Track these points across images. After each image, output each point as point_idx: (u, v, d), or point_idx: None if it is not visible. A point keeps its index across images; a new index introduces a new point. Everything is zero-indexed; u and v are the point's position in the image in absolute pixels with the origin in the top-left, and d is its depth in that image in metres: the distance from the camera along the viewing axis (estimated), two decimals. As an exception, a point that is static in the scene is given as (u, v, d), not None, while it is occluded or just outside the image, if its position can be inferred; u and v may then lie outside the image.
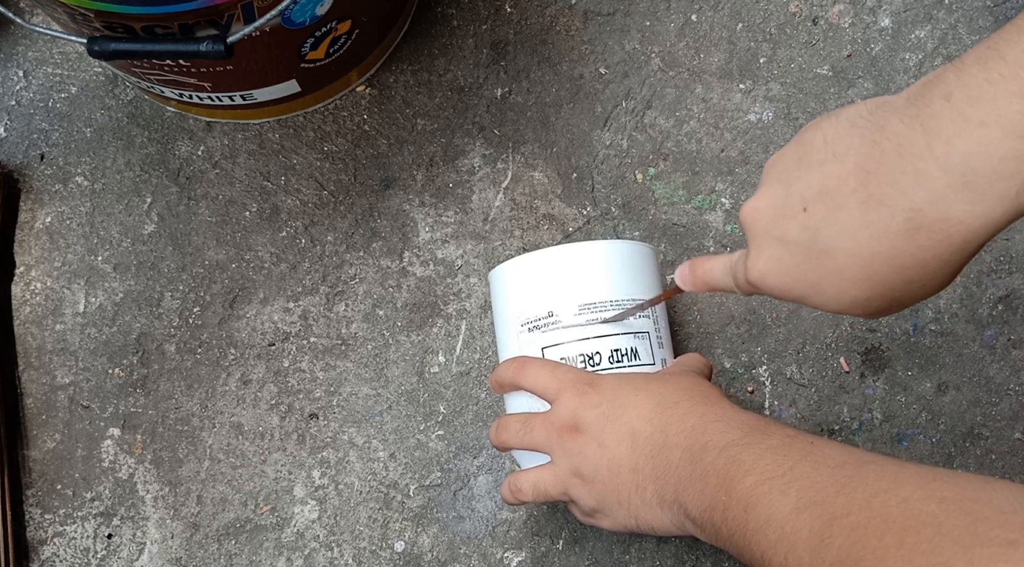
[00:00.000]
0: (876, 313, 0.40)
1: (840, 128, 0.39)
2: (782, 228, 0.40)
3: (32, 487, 0.68)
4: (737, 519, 0.43)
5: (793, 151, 0.41)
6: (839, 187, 0.38)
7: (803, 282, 0.40)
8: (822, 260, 0.39)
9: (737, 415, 0.49)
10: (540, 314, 0.58)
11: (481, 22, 0.74)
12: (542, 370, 0.56)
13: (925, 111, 0.35)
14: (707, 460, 0.46)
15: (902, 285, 0.38)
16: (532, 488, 0.55)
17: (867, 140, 0.37)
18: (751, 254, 0.43)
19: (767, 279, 0.42)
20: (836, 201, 0.38)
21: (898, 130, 0.36)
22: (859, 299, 0.39)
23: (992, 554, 0.32)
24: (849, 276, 0.38)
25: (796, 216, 0.39)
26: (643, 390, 0.53)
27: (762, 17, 0.74)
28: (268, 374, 0.69)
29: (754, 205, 0.42)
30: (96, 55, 0.53)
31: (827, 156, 0.39)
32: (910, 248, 0.36)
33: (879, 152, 0.36)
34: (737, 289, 0.46)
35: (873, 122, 0.37)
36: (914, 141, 0.35)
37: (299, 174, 0.72)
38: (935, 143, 0.35)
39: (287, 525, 0.67)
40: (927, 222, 0.35)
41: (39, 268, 0.71)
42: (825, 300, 0.40)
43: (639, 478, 0.50)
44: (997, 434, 0.69)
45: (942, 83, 0.35)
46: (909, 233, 0.36)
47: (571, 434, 0.53)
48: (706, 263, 0.48)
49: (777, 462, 0.43)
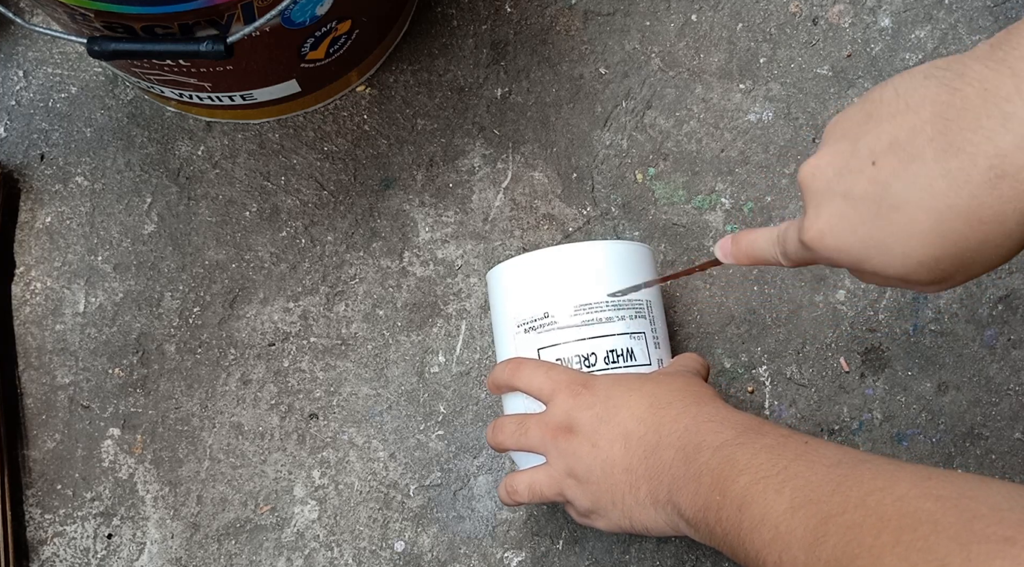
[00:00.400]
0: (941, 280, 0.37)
1: (914, 80, 0.36)
2: (847, 183, 0.37)
3: (32, 487, 0.68)
4: (731, 519, 0.43)
5: (860, 108, 0.38)
6: (913, 138, 0.35)
7: (868, 240, 0.37)
8: (891, 216, 0.36)
9: (731, 415, 0.49)
10: (536, 315, 0.58)
11: (481, 22, 0.74)
12: (536, 371, 0.56)
13: (1012, 54, 0.33)
14: (701, 460, 0.46)
15: (976, 243, 0.35)
16: (528, 489, 0.55)
17: (946, 87, 0.35)
18: (808, 214, 0.40)
19: (826, 239, 0.39)
20: (910, 152, 0.35)
21: (982, 74, 0.34)
22: (927, 260, 0.36)
23: (989, 551, 0.32)
24: (919, 231, 0.35)
25: (864, 170, 0.37)
26: (637, 391, 0.53)
27: (762, 17, 0.74)
28: (268, 374, 0.69)
29: (815, 164, 0.39)
30: (96, 55, 0.53)
31: (899, 108, 0.36)
32: (990, 199, 0.33)
33: (960, 98, 0.34)
34: (783, 259, 0.44)
35: (952, 70, 0.35)
36: (1001, 84, 0.33)
37: (299, 174, 0.72)
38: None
39: (287, 525, 0.67)
40: (1013, 169, 0.33)
41: (39, 268, 0.71)
42: (890, 261, 0.37)
43: (633, 478, 0.50)
44: (997, 434, 0.69)
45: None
46: (992, 182, 0.33)
47: (565, 435, 0.53)
48: (750, 234, 0.46)
49: (771, 461, 0.43)
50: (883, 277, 0.39)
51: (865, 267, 0.38)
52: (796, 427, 0.69)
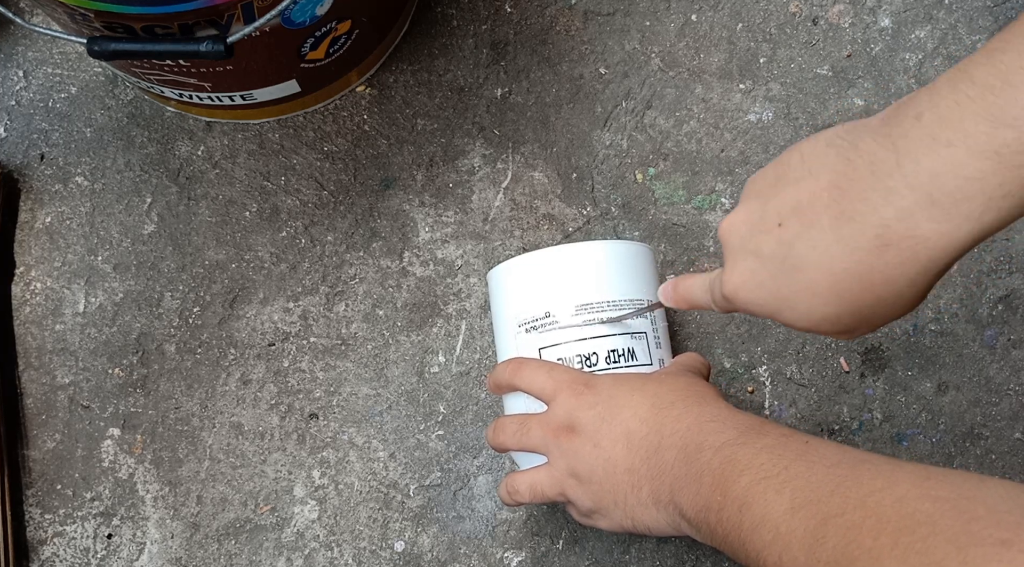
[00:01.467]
0: (846, 332, 0.40)
1: (817, 147, 0.39)
2: (757, 242, 0.41)
3: (32, 487, 0.68)
4: (732, 519, 0.43)
5: (772, 170, 0.42)
6: (813, 203, 0.38)
7: (775, 297, 0.41)
8: (794, 275, 0.39)
9: (732, 415, 0.49)
10: (537, 315, 0.58)
11: (481, 22, 0.74)
12: (538, 371, 0.56)
13: (896, 130, 0.36)
14: (702, 460, 0.47)
15: (871, 302, 0.38)
16: (529, 489, 0.55)
17: (841, 158, 0.38)
18: (726, 268, 0.43)
19: (740, 293, 0.42)
20: (810, 217, 0.38)
21: (871, 148, 0.37)
22: (829, 315, 0.39)
23: (986, 554, 0.32)
24: (820, 291, 0.39)
25: (771, 231, 0.40)
26: (639, 390, 0.53)
27: (762, 17, 0.74)
28: (268, 374, 0.69)
29: (731, 220, 0.43)
30: (96, 55, 0.53)
31: (803, 173, 0.39)
32: (879, 264, 0.37)
33: (852, 169, 0.37)
34: (714, 305, 0.46)
35: (848, 141, 0.38)
36: (885, 159, 0.36)
37: (299, 174, 0.72)
38: (904, 161, 0.35)
39: (287, 525, 0.67)
40: (895, 239, 0.36)
41: (39, 268, 0.71)
42: (796, 316, 0.40)
43: (635, 479, 0.50)
44: (997, 434, 0.69)
45: (914, 104, 0.36)
46: (878, 249, 0.36)
47: (567, 435, 0.53)
48: (687, 280, 0.49)
49: (772, 461, 0.43)
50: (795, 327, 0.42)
51: (778, 319, 0.42)
52: (796, 427, 0.69)
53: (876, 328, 0.40)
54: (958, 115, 0.34)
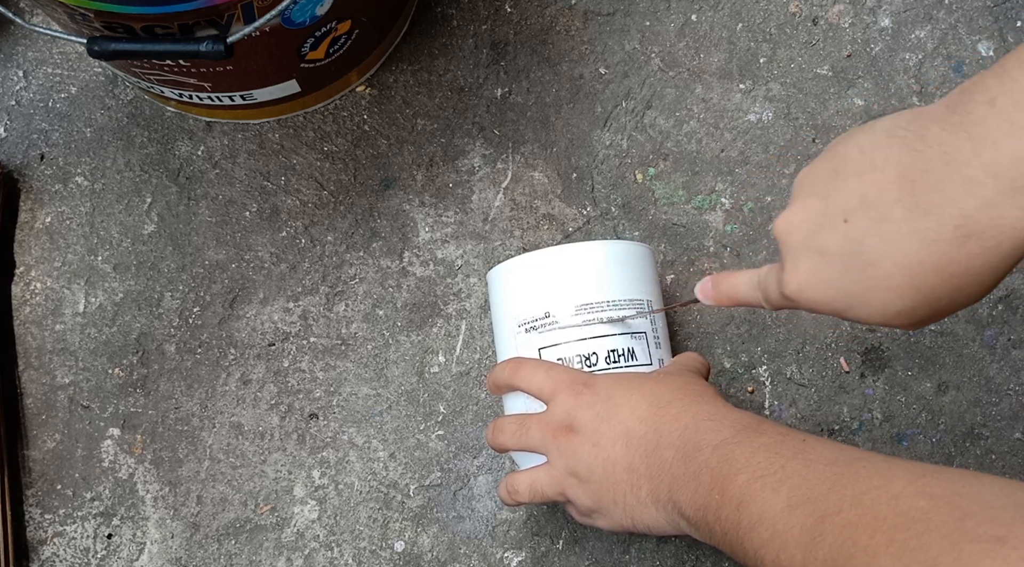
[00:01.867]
0: (919, 323, 0.39)
1: (877, 139, 0.38)
2: (821, 240, 0.40)
3: (32, 487, 0.68)
4: (730, 518, 0.43)
5: (827, 164, 0.40)
6: (881, 197, 0.37)
7: (846, 294, 0.39)
8: (867, 271, 0.38)
9: (730, 413, 0.49)
10: (537, 315, 0.58)
11: (481, 22, 0.74)
12: (537, 371, 0.56)
13: (968, 118, 0.35)
14: (700, 459, 0.47)
15: (949, 293, 0.37)
16: (528, 489, 0.55)
17: (908, 149, 0.37)
18: (787, 267, 0.42)
19: (806, 292, 0.41)
20: (879, 211, 0.37)
21: (941, 138, 0.36)
22: (905, 309, 0.38)
23: (980, 550, 0.32)
24: (895, 286, 0.38)
25: (836, 228, 0.39)
26: (637, 390, 0.53)
27: (762, 17, 0.74)
28: (268, 374, 0.69)
29: (788, 219, 0.41)
30: (96, 55, 0.53)
31: (865, 167, 0.38)
32: (959, 256, 0.36)
33: (922, 160, 0.36)
34: (766, 304, 0.45)
35: (912, 131, 0.37)
36: (959, 148, 0.35)
37: (299, 174, 0.72)
38: (982, 149, 0.34)
39: (287, 525, 0.67)
40: (978, 229, 0.35)
41: (39, 268, 0.71)
42: (869, 311, 0.39)
43: (634, 478, 0.50)
44: (997, 434, 0.69)
45: (984, 89, 0.35)
46: (959, 241, 0.35)
47: (566, 434, 0.53)
48: (730, 278, 0.48)
49: (769, 460, 0.44)
50: (865, 322, 0.41)
51: (847, 316, 0.41)
52: (796, 427, 0.69)
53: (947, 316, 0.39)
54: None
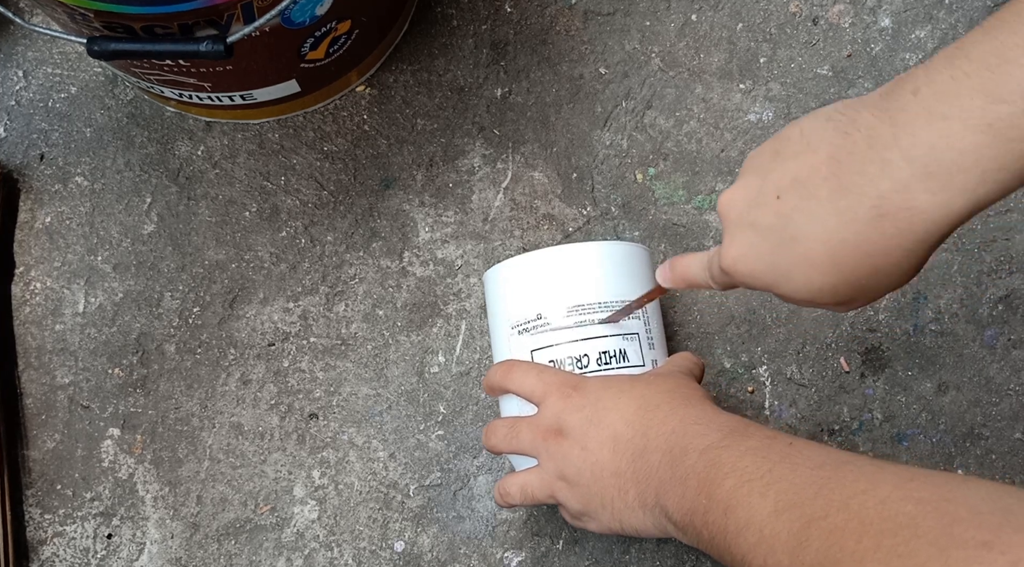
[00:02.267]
0: (843, 303, 0.41)
1: (816, 122, 0.40)
2: (755, 215, 0.42)
3: (32, 487, 0.68)
4: (717, 522, 0.43)
5: (771, 145, 0.42)
6: (811, 176, 0.39)
7: (773, 269, 0.41)
8: (792, 247, 0.40)
9: (717, 417, 0.49)
10: (529, 317, 0.58)
11: (481, 22, 0.74)
12: (528, 373, 0.56)
13: (894, 105, 0.37)
14: (687, 463, 0.47)
15: (868, 273, 0.39)
16: (520, 491, 0.56)
17: (840, 132, 0.39)
18: (724, 242, 0.44)
19: (738, 266, 0.43)
20: (808, 189, 0.39)
21: (869, 122, 0.38)
22: (826, 287, 0.40)
23: (967, 556, 0.32)
24: (817, 262, 0.39)
25: (769, 204, 0.41)
26: (626, 393, 0.53)
27: (762, 17, 0.74)
28: (268, 374, 0.69)
29: (730, 195, 0.44)
30: (96, 55, 0.53)
31: (802, 147, 0.40)
32: (875, 235, 0.37)
33: (850, 143, 0.38)
34: (712, 282, 0.47)
35: (847, 116, 0.39)
36: (882, 132, 0.37)
37: (299, 174, 0.72)
38: (901, 135, 0.36)
39: (287, 525, 0.67)
40: (892, 210, 0.37)
41: (39, 268, 0.71)
42: (794, 287, 0.41)
43: (621, 481, 0.50)
44: (997, 434, 0.69)
45: (911, 80, 0.37)
46: (875, 221, 0.37)
47: (555, 438, 0.53)
48: (684, 259, 0.49)
49: (756, 464, 0.44)
50: (793, 300, 0.42)
51: (775, 291, 0.42)
52: (796, 427, 0.69)
53: (874, 300, 0.41)
54: (954, 90, 0.35)
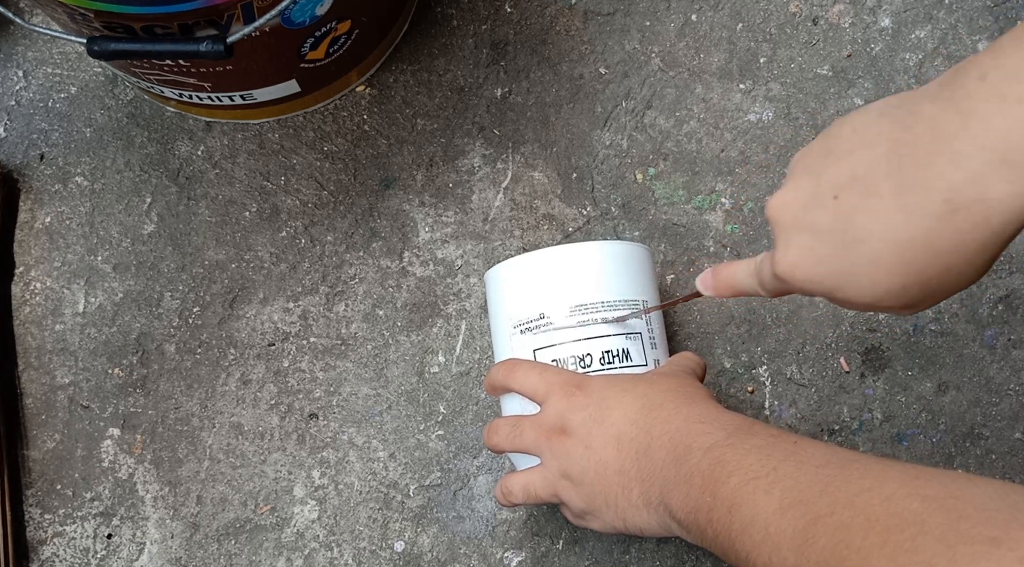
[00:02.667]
0: (911, 305, 0.39)
1: (869, 118, 0.38)
2: (812, 218, 0.39)
3: (32, 487, 0.68)
4: (722, 520, 0.43)
5: (821, 144, 0.40)
6: (871, 173, 0.37)
7: (836, 272, 0.39)
8: (856, 248, 0.37)
9: (721, 415, 0.49)
10: (532, 316, 0.58)
11: (481, 22, 0.74)
12: (531, 372, 0.56)
13: (959, 93, 0.35)
14: (691, 461, 0.46)
15: (939, 272, 0.36)
16: (522, 490, 0.56)
17: (898, 125, 0.36)
18: (779, 247, 0.41)
19: (797, 272, 0.40)
20: (868, 187, 0.37)
21: (931, 113, 0.35)
22: (894, 288, 0.37)
23: (974, 552, 0.32)
24: (884, 263, 0.37)
25: (827, 205, 0.38)
26: (630, 392, 0.52)
27: (762, 17, 0.74)
28: (268, 374, 0.69)
29: (781, 198, 0.41)
30: (96, 55, 0.53)
31: (856, 144, 0.38)
32: (947, 231, 0.35)
33: (912, 136, 0.36)
34: (762, 290, 0.45)
35: (904, 109, 0.37)
36: (949, 122, 0.35)
37: (299, 174, 0.72)
38: (971, 122, 0.34)
39: (287, 525, 0.67)
40: (965, 203, 0.34)
41: (39, 268, 0.71)
42: (859, 290, 0.38)
43: (625, 480, 0.50)
44: (997, 434, 0.69)
45: (976, 65, 0.35)
46: (947, 216, 0.35)
47: (559, 436, 0.53)
48: (729, 267, 0.47)
49: (761, 462, 0.43)
50: (855, 304, 0.40)
51: (837, 296, 0.40)
52: (796, 427, 0.69)
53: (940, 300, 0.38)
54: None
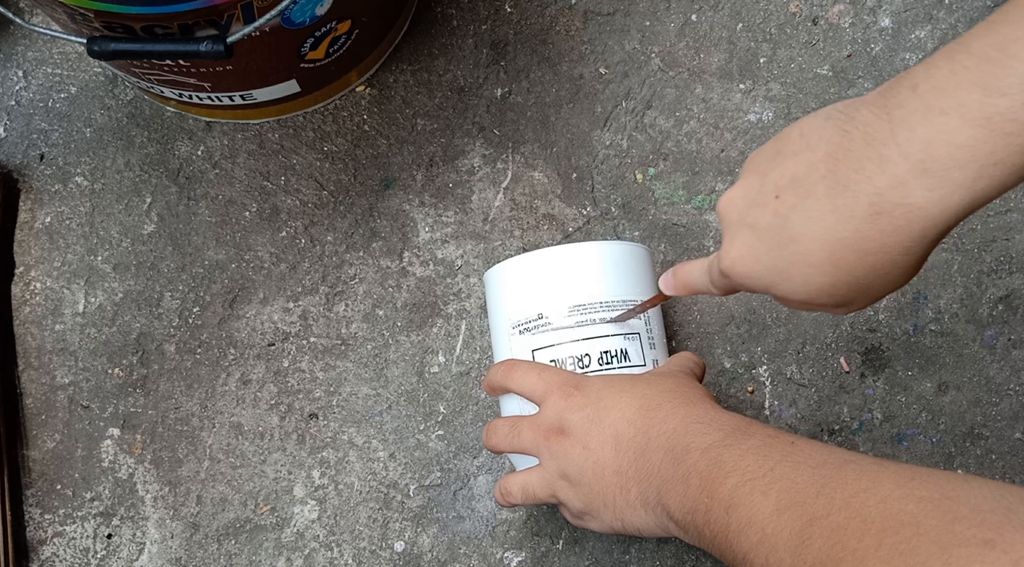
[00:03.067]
0: (843, 303, 0.40)
1: (816, 121, 0.40)
2: (754, 216, 0.41)
3: (32, 487, 0.68)
4: (719, 521, 0.43)
5: (771, 145, 0.42)
6: (809, 174, 0.39)
7: (772, 269, 0.41)
8: (790, 246, 0.40)
9: (719, 416, 0.49)
10: (530, 316, 0.58)
11: (481, 22, 0.74)
12: (529, 373, 0.56)
13: (892, 101, 0.37)
14: (689, 462, 0.47)
15: (866, 272, 0.38)
16: (521, 491, 0.56)
17: (838, 130, 0.38)
18: (724, 244, 0.43)
19: (737, 267, 0.42)
20: (806, 188, 0.39)
21: (866, 119, 0.37)
22: (824, 286, 0.39)
23: (969, 554, 0.32)
24: (815, 261, 0.39)
25: (768, 204, 0.40)
26: (627, 392, 0.53)
27: (762, 17, 0.74)
28: (268, 374, 0.69)
29: (729, 196, 0.43)
30: (96, 55, 0.53)
31: (801, 146, 0.40)
32: (873, 233, 0.37)
33: (848, 140, 0.38)
34: (712, 287, 0.47)
35: (845, 114, 0.39)
36: (880, 129, 0.37)
37: (299, 174, 0.72)
38: (898, 130, 0.36)
39: (287, 525, 0.67)
40: (888, 206, 0.36)
41: (39, 268, 0.71)
42: (792, 287, 0.40)
43: (623, 480, 0.50)
44: (997, 434, 0.69)
45: (911, 76, 0.37)
46: (872, 217, 0.37)
47: (557, 437, 0.53)
48: (686, 266, 0.49)
49: (758, 463, 0.43)
50: (791, 301, 0.42)
51: (773, 292, 0.42)
52: (796, 427, 0.69)
53: (873, 301, 0.40)
54: (953, 84, 0.35)
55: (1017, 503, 0.34)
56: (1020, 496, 0.34)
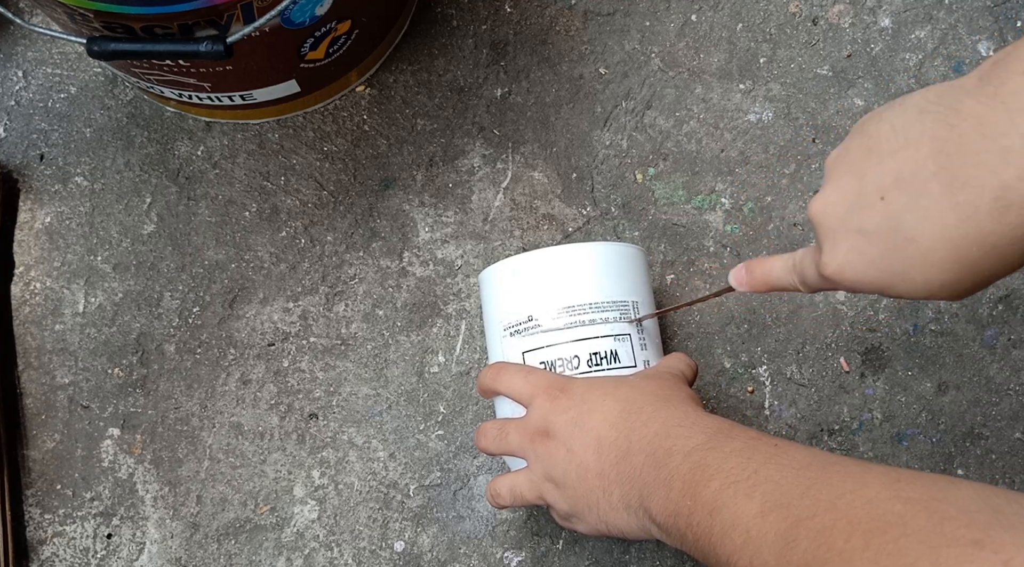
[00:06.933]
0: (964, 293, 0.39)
1: (908, 115, 0.38)
2: (859, 219, 0.39)
3: (32, 487, 0.68)
4: (703, 524, 0.43)
5: (858, 143, 0.40)
6: (917, 172, 0.37)
7: (888, 272, 0.39)
8: (908, 248, 0.38)
9: (701, 419, 0.49)
10: (521, 318, 0.58)
11: (481, 22, 0.74)
12: (516, 375, 0.56)
13: (1003, 89, 0.35)
14: (671, 465, 0.46)
15: (992, 264, 0.37)
16: (509, 492, 0.56)
17: (942, 123, 0.36)
18: (825, 249, 0.41)
19: (846, 272, 0.40)
20: (916, 187, 0.37)
21: (976, 110, 0.36)
22: (948, 282, 0.38)
23: (958, 554, 0.32)
24: (937, 261, 0.37)
25: (874, 206, 0.38)
26: (611, 394, 0.52)
27: (762, 17, 0.74)
28: (268, 374, 0.69)
29: (824, 200, 0.41)
30: (96, 55, 0.53)
31: (899, 144, 0.38)
32: (1000, 227, 0.35)
33: (958, 134, 0.36)
34: (803, 287, 0.45)
35: (945, 105, 0.37)
36: (996, 119, 0.35)
37: (299, 174, 0.72)
38: (1020, 119, 0.34)
39: (287, 525, 0.67)
40: (1018, 199, 0.34)
41: (39, 268, 0.71)
42: (913, 287, 0.39)
43: (605, 483, 0.50)
44: (997, 434, 0.69)
45: (1018, 58, 0.35)
46: (999, 212, 0.35)
47: (542, 439, 0.53)
48: (764, 264, 0.48)
49: (742, 465, 0.43)
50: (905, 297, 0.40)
51: (889, 292, 0.40)
52: (796, 427, 0.69)
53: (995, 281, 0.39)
54: None
55: (1004, 504, 0.33)
56: (1007, 497, 0.34)
